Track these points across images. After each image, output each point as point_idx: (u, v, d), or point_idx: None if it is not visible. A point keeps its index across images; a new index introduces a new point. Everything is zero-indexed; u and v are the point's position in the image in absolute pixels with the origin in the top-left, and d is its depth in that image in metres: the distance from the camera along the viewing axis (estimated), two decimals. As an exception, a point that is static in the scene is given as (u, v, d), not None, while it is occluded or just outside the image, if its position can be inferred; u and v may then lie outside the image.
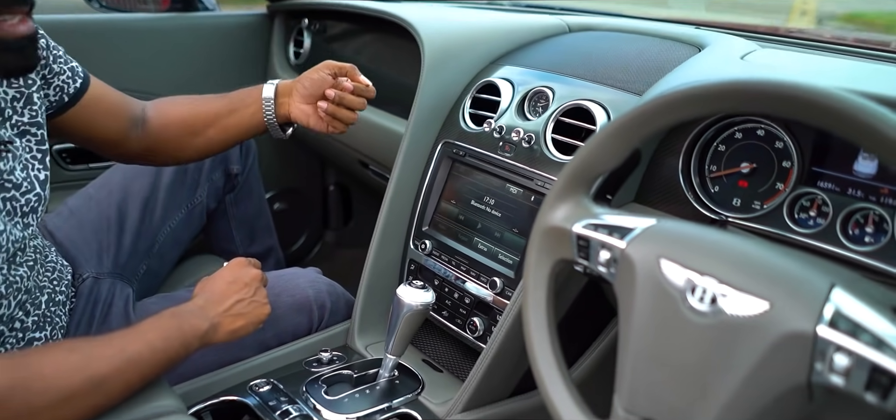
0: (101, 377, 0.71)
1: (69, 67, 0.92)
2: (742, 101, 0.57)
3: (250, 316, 0.87)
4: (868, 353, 0.47)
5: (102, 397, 0.72)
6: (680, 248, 0.58)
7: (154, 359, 0.76)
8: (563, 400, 0.65)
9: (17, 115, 0.81)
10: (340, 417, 0.86)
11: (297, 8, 1.58)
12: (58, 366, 0.69)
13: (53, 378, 0.68)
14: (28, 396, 0.66)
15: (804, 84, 0.52)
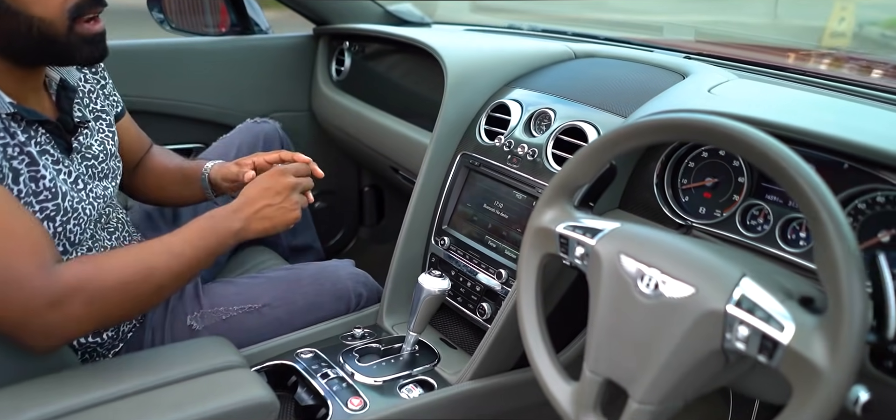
0: (151, 267, 0.86)
1: (115, 97, 1.14)
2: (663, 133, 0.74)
3: (276, 219, 0.99)
4: (760, 325, 0.62)
5: (154, 285, 0.87)
6: (635, 246, 0.73)
7: (194, 253, 0.91)
8: (545, 363, 0.81)
9: (92, 103, 1.03)
10: (370, 379, 1.03)
11: (339, 32, 1.76)
12: (117, 259, 0.86)
13: (114, 269, 0.84)
14: (96, 283, 0.81)
15: (697, 117, 0.69)
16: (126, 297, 0.85)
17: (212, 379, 0.87)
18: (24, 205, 0.84)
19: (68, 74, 0.97)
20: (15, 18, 0.81)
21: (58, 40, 0.84)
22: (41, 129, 0.89)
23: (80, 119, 0.97)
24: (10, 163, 0.83)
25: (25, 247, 0.78)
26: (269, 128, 1.47)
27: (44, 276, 0.78)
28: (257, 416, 0.86)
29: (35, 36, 0.83)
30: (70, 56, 0.89)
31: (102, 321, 0.86)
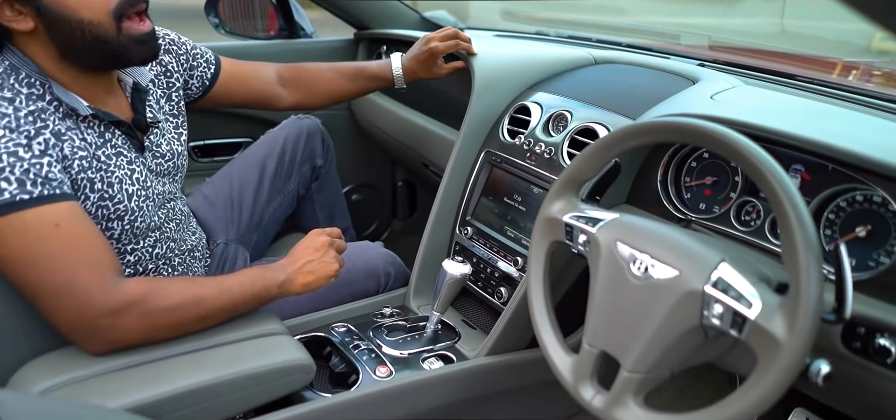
0: (201, 296, 0.96)
1: (205, 58, 1.27)
2: (654, 134, 0.82)
3: (318, 273, 1.07)
4: (732, 303, 0.70)
5: (203, 310, 0.96)
6: (629, 234, 0.82)
7: (241, 294, 1.00)
8: (549, 338, 0.90)
9: (161, 105, 1.15)
10: (396, 352, 1.13)
11: (377, 36, 1.88)
12: (173, 285, 0.96)
13: (168, 293, 0.94)
14: (149, 302, 0.91)
15: (684, 120, 0.77)
16: (174, 320, 0.94)
17: (258, 342, 0.99)
18: (96, 209, 0.95)
19: (140, 76, 1.07)
20: (68, 24, 0.89)
21: (109, 42, 0.93)
22: (117, 129, 1.01)
23: (152, 119, 1.09)
24: (85, 174, 0.93)
25: (89, 263, 0.88)
26: (311, 123, 1.59)
27: (102, 291, 0.88)
28: (297, 375, 0.97)
29: (88, 39, 0.91)
30: (126, 57, 0.97)
31: (150, 336, 0.93)
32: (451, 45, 1.41)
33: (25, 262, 0.86)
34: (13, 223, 0.85)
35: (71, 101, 0.93)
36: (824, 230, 0.89)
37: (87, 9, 0.90)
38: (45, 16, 0.89)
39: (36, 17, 0.89)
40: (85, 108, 0.94)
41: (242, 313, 1.03)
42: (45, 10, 0.88)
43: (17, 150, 0.86)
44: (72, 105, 0.93)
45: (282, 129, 1.58)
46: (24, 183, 0.85)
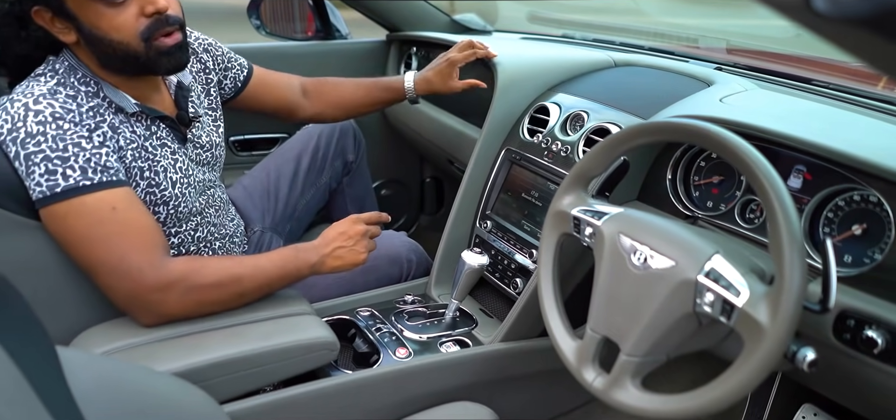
0: (239, 275, 1.03)
1: (238, 63, 1.36)
2: (656, 134, 0.87)
3: (346, 259, 1.13)
4: (722, 291, 0.75)
5: (240, 288, 1.03)
6: (631, 227, 0.87)
7: (275, 271, 1.06)
8: (556, 323, 0.96)
9: (201, 100, 1.24)
10: (415, 336, 1.20)
11: (408, 38, 1.95)
12: (214, 264, 1.03)
13: (210, 269, 1.01)
14: (193, 279, 0.99)
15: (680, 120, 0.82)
16: (214, 296, 1.02)
17: (288, 321, 1.07)
18: (144, 195, 1.05)
19: (183, 75, 1.16)
20: (102, 43, 0.98)
21: (139, 57, 1.00)
22: (162, 123, 1.10)
23: (194, 114, 1.18)
24: (136, 163, 1.03)
25: (140, 242, 0.97)
26: (346, 124, 1.66)
27: (153, 269, 0.96)
28: (322, 352, 1.05)
29: (120, 55, 0.99)
30: (155, 68, 1.03)
31: (194, 310, 1.01)
32: (469, 54, 1.46)
33: (85, 242, 0.95)
34: (75, 207, 0.94)
35: (119, 99, 1.03)
36: (823, 227, 0.92)
37: (117, 32, 0.97)
38: (83, 33, 0.98)
39: (78, 33, 0.98)
40: (132, 105, 1.04)
41: (277, 290, 1.10)
42: (82, 28, 0.97)
43: (79, 141, 0.95)
44: (120, 103, 1.02)
45: (316, 126, 1.66)
46: (86, 170, 0.94)
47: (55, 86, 0.97)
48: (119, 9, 0.97)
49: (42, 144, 0.93)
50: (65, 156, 0.93)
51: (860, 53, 0.41)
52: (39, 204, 0.94)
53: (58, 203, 0.94)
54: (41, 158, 0.93)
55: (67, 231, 0.95)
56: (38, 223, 0.96)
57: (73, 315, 1.01)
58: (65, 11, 0.96)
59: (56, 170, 0.93)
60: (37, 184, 0.93)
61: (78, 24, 0.97)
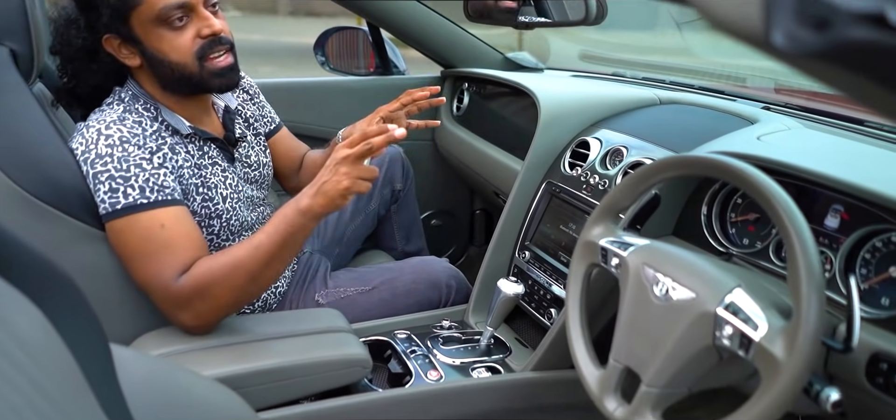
0: (239, 261, 1.03)
1: (271, 116, 1.44)
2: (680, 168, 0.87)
3: (330, 193, 1.01)
4: (740, 325, 0.74)
5: (246, 275, 1.02)
6: (655, 258, 0.87)
7: (271, 241, 1.03)
8: (581, 352, 0.96)
9: (250, 125, 1.33)
10: (448, 360, 1.22)
11: (461, 74, 2.01)
12: (218, 259, 1.04)
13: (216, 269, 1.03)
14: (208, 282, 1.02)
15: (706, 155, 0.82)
16: (229, 292, 1.03)
17: (325, 336, 1.12)
18: (200, 209, 1.12)
19: (229, 101, 1.26)
20: (162, 65, 1.08)
21: (193, 76, 1.09)
22: (212, 144, 1.19)
23: (240, 135, 1.27)
24: (192, 181, 1.12)
25: (178, 259, 1.02)
26: (394, 150, 1.71)
27: (176, 284, 1.02)
28: (356, 368, 1.09)
29: (176, 76, 1.09)
30: (207, 87, 1.12)
31: (222, 311, 1.05)
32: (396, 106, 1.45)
33: (135, 255, 1.04)
34: (131, 223, 1.03)
35: (175, 122, 1.12)
36: (860, 269, 0.89)
37: (176, 52, 1.08)
38: (146, 56, 1.09)
39: (141, 56, 1.09)
40: (186, 127, 1.13)
41: (288, 257, 1.06)
42: (145, 51, 1.08)
43: (141, 163, 1.04)
44: (175, 125, 1.12)
45: None
46: (144, 190, 1.03)
47: (123, 113, 1.08)
48: (178, 32, 1.07)
49: (108, 165, 1.02)
50: (127, 176, 1.02)
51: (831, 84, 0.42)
52: (104, 218, 1.03)
53: (118, 218, 1.03)
54: (107, 177, 1.02)
55: (123, 244, 1.03)
56: (105, 234, 1.05)
57: (132, 320, 1.09)
58: (131, 37, 1.08)
59: (118, 188, 1.02)
60: (101, 200, 1.02)
61: (142, 47, 1.08)
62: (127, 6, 1.05)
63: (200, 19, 1.09)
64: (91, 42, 1.10)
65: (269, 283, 1.08)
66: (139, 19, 1.06)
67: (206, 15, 1.10)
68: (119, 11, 1.05)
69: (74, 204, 1.04)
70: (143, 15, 1.05)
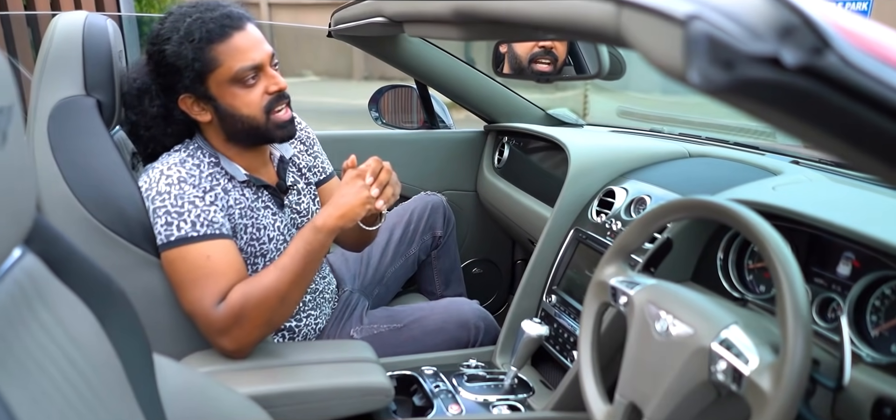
0: (267, 283, 1.12)
1: (324, 166, 1.51)
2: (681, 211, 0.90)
3: (352, 203, 1.14)
4: (733, 360, 0.75)
5: (276, 297, 1.11)
6: (659, 297, 0.89)
7: (293, 262, 1.13)
8: (591, 387, 0.98)
9: (303, 174, 1.42)
10: (471, 396, 1.25)
11: (503, 129, 2.08)
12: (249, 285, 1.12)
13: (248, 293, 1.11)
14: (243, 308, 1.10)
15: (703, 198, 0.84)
16: (262, 315, 1.12)
17: (352, 365, 1.18)
18: (247, 246, 1.22)
19: (285, 151, 1.36)
20: (233, 119, 1.19)
21: (260, 128, 1.20)
22: (265, 190, 1.29)
23: (292, 183, 1.37)
24: (241, 221, 1.22)
25: (216, 291, 1.11)
26: (436, 199, 1.79)
27: (215, 311, 1.10)
28: (378, 396, 1.14)
29: (245, 128, 1.20)
30: (270, 137, 1.24)
31: (257, 334, 1.13)
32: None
33: (183, 283, 1.13)
34: (182, 253, 1.13)
35: (232, 170, 1.24)
36: (871, 316, 0.88)
37: (247, 107, 1.19)
38: (218, 111, 1.20)
39: (213, 112, 1.21)
40: (242, 174, 1.24)
41: (310, 274, 1.16)
42: (218, 107, 1.20)
43: (194, 201, 1.15)
44: (232, 173, 1.23)
45: (412, 202, 1.79)
46: (194, 224, 1.14)
47: (184, 157, 1.20)
48: (250, 89, 1.19)
49: (166, 201, 1.14)
50: (181, 211, 1.14)
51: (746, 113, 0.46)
52: (160, 248, 1.14)
53: (171, 249, 1.13)
54: (164, 212, 1.14)
55: (174, 272, 1.14)
56: (161, 263, 1.16)
57: (181, 341, 1.19)
58: (207, 95, 1.19)
59: (173, 222, 1.13)
60: (158, 232, 1.14)
61: (216, 104, 1.20)
62: (207, 68, 1.15)
63: (268, 77, 1.20)
64: (166, 106, 1.23)
65: (295, 303, 1.16)
66: (216, 80, 1.17)
67: (273, 73, 1.21)
68: (200, 74, 1.16)
69: (138, 234, 1.16)
70: (220, 76, 1.16)
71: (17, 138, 0.57)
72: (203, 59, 1.15)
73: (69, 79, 1.21)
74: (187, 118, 1.23)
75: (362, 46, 1.85)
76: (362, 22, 1.37)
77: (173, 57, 1.15)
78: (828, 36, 0.40)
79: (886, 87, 0.41)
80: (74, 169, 1.15)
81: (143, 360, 0.85)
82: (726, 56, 0.41)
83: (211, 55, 1.15)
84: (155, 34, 1.19)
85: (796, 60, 0.40)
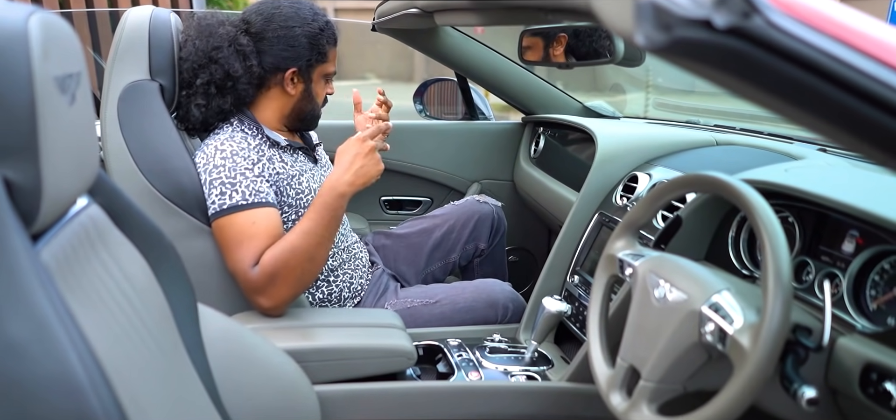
0: (293, 244, 1.23)
1: None
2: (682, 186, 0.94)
3: (371, 172, 1.30)
4: (719, 321, 0.79)
5: (303, 257, 1.22)
6: (659, 267, 0.93)
7: (315, 224, 1.24)
8: (596, 352, 1.03)
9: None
10: (491, 366, 1.32)
11: (539, 120, 2.13)
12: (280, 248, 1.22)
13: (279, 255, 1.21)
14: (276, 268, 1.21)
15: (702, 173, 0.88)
16: (290, 270, 1.22)
17: (378, 330, 1.27)
18: (295, 201, 1.35)
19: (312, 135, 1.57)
20: (307, 101, 1.43)
21: (316, 116, 1.48)
22: (300, 153, 1.44)
23: (317, 142, 1.55)
24: (286, 182, 1.35)
25: (255, 253, 1.22)
26: (487, 209, 1.77)
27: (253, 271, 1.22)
28: (401, 358, 1.22)
29: (307, 112, 1.45)
30: (311, 124, 1.49)
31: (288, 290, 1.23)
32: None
33: (229, 247, 1.25)
34: (231, 219, 1.25)
35: (275, 137, 1.38)
36: (870, 290, 0.90)
37: (318, 98, 1.46)
38: (306, 91, 1.42)
39: (302, 90, 1.41)
40: (283, 141, 1.39)
41: (332, 234, 1.28)
42: (308, 89, 1.42)
43: (245, 172, 1.27)
44: (275, 139, 1.37)
45: (458, 206, 1.79)
46: (245, 194, 1.26)
47: (233, 132, 1.34)
48: (324, 86, 1.47)
49: (221, 173, 1.26)
50: (233, 182, 1.25)
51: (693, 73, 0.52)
52: (213, 217, 1.26)
53: (223, 216, 1.25)
54: (219, 183, 1.26)
55: (223, 236, 1.26)
56: (211, 230, 1.28)
57: (228, 302, 1.30)
58: (309, 77, 1.41)
59: (226, 192, 1.25)
60: (212, 202, 1.26)
61: (307, 86, 1.42)
62: (320, 60, 1.40)
63: (329, 85, 1.49)
64: (263, 68, 1.37)
65: (323, 260, 1.28)
66: (319, 71, 1.42)
67: (332, 84, 1.50)
68: (315, 61, 1.40)
69: (192, 204, 1.29)
70: (322, 70, 1.43)
71: (84, 100, 0.67)
72: (323, 53, 1.40)
73: (136, 65, 1.35)
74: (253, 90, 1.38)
75: (405, 40, 1.95)
76: (399, 13, 1.46)
77: (304, 38, 1.36)
78: (756, 2, 0.45)
79: (810, 48, 0.46)
80: (138, 144, 1.28)
81: (188, 305, 0.95)
82: (666, 20, 0.47)
83: (328, 53, 1.41)
84: (271, 15, 1.36)
85: (725, 22, 0.46)
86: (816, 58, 0.46)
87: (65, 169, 0.61)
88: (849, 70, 0.45)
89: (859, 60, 0.46)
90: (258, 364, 1.03)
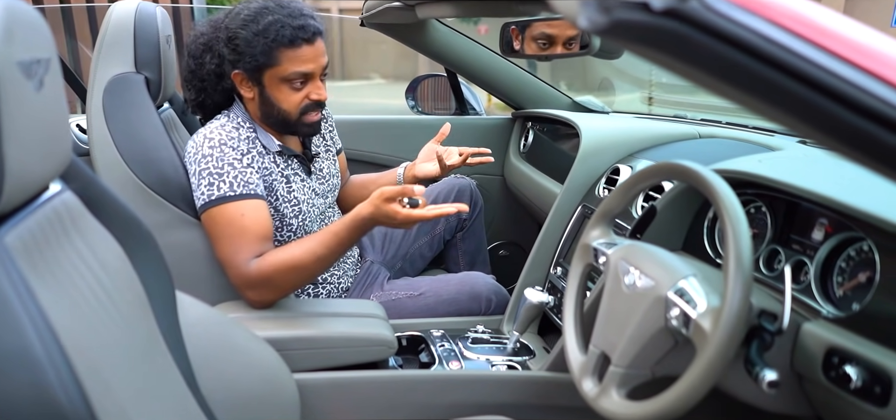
0: (299, 262, 1.22)
1: (335, 141, 1.63)
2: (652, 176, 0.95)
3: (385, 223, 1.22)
4: (684, 306, 0.80)
5: (303, 273, 1.22)
6: (630, 254, 0.95)
7: (327, 251, 1.23)
8: (571, 339, 1.04)
9: (325, 142, 1.54)
10: (472, 355, 1.33)
11: (528, 115, 2.14)
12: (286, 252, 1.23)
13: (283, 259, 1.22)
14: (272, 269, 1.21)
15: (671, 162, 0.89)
16: (287, 282, 1.23)
17: (359, 319, 1.28)
18: (281, 207, 1.34)
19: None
20: (271, 106, 1.32)
21: (289, 123, 1.34)
22: (295, 160, 1.42)
23: (316, 152, 1.49)
24: (275, 184, 1.35)
25: (248, 247, 1.23)
26: (464, 182, 1.84)
27: (248, 267, 1.22)
28: (381, 347, 1.23)
29: (278, 118, 1.33)
30: (295, 131, 1.37)
31: (279, 295, 1.25)
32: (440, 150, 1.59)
33: (219, 238, 1.26)
34: (220, 211, 1.26)
35: (266, 140, 1.36)
36: (837, 277, 0.91)
37: (285, 104, 1.32)
38: (262, 95, 1.32)
39: (257, 94, 1.32)
40: (275, 145, 1.37)
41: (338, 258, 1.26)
42: (263, 93, 1.32)
43: (233, 162, 1.28)
44: (266, 143, 1.35)
45: (440, 183, 1.84)
46: (232, 185, 1.26)
47: (225, 122, 1.33)
48: (295, 91, 1.32)
49: (209, 163, 1.27)
50: (221, 173, 1.26)
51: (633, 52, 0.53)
52: (201, 207, 1.27)
53: (212, 207, 1.26)
54: (206, 173, 1.26)
55: (212, 227, 1.26)
56: (198, 222, 1.30)
57: (213, 291, 1.32)
58: (257, 80, 1.31)
59: (213, 183, 1.26)
60: (202, 192, 1.27)
61: (261, 89, 1.32)
62: (268, 64, 1.28)
63: (314, 86, 1.33)
64: (222, 68, 1.35)
65: (318, 275, 1.28)
66: (270, 74, 1.29)
67: (320, 85, 1.33)
68: (259, 65, 1.28)
69: (176, 195, 1.30)
70: (275, 73, 1.29)
71: (53, 86, 0.69)
72: (267, 56, 1.27)
73: (122, 58, 1.37)
74: (234, 86, 1.36)
75: (393, 35, 1.95)
76: (383, 7, 1.47)
77: (244, 43, 1.27)
78: None
79: (744, 29, 0.47)
80: (123, 135, 1.30)
81: (165, 292, 0.96)
82: (606, 2, 0.48)
83: (275, 56, 1.27)
84: (236, 13, 1.31)
85: (662, 4, 0.47)
86: (749, 38, 0.47)
87: (30, 153, 0.62)
88: (781, 51, 0.46)
89: (792, 42, 0.47)
90: (237, 352, 1.04)
